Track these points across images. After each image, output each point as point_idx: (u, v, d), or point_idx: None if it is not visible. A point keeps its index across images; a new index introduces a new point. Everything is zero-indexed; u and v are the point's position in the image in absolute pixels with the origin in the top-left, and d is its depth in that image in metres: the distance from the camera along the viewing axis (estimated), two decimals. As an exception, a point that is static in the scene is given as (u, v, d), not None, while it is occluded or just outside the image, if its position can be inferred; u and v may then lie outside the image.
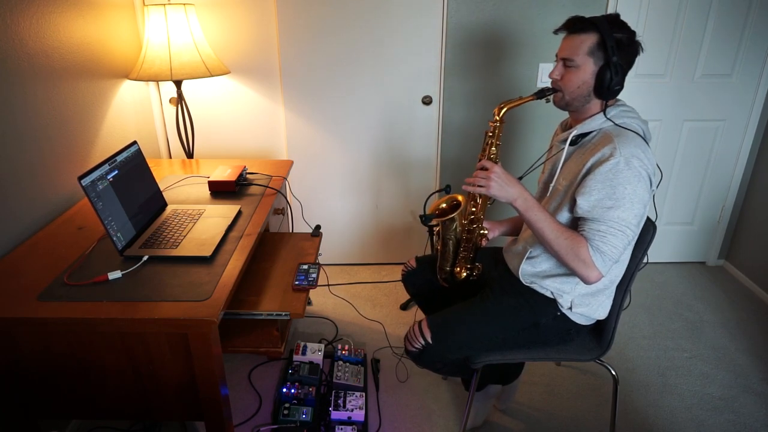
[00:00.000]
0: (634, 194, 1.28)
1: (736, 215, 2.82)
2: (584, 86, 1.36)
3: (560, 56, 1.39)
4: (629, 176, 1.27)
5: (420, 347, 1.52)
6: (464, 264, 1.60)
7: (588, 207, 1.32)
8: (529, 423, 1.86)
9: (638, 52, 1.36)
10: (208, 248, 1.45)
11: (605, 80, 1.33)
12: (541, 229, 1.35)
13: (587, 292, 1.47)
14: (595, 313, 1.49)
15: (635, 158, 1.27)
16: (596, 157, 1.31)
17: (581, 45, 1.34)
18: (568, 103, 1.41)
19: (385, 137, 2.63)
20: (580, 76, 1.36)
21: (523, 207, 1.36)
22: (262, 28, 2.41)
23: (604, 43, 1.31)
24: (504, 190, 1.35)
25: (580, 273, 1.33)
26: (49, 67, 1.72)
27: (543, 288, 1.49)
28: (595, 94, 1.37)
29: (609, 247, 1.29)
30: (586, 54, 1.34)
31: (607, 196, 1.29)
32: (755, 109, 2.59)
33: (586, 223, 1.33)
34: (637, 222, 1.30)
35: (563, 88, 1.39)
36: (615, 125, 1.36)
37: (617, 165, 1.27)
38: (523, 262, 1.51)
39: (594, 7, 2.39)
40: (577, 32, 1.35)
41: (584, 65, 1.35)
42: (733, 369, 2.12)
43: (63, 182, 1.79)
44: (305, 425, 1.73)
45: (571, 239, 1.32)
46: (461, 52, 2.47)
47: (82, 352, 1.24)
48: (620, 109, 1.38)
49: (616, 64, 1.31)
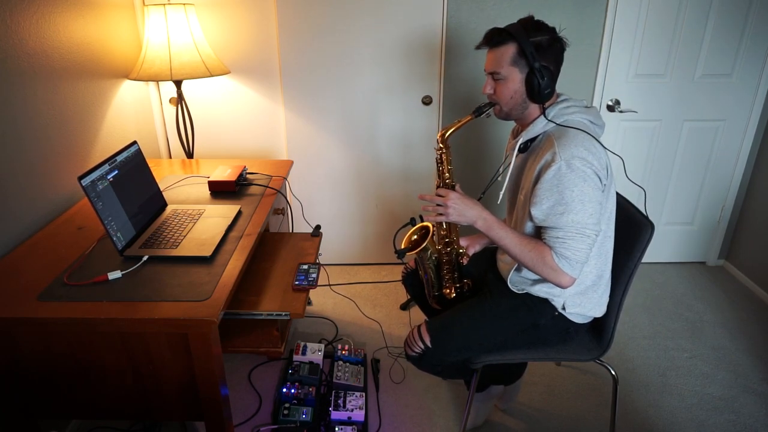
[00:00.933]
0: (582, 195, 1.28)
1: (736, 215, 2.82)
2: (516, 95, 1.38)
3: (487, 71, 1.41)
4: (573, 179, 1.28)
5: (420, 351, 1.52)
6: (452, 284, 1.61)
7: (542, 216, 1.33)
8: (529, 423, 1.86)
9: (563, 49, 1.37)
10: (208, 248, 1.45)
11: (534, 86, 1.34)
12: (506, 246, 1.38)
13: (576, 292, 1.47)
14: (590, 311, 1.49)
15: (576, 159, 1.27)
16: (541, 164, 1.33)
17: (502, 57, 1.35)
18: (507, 113, 1.43)
19: (385, 137, 2.63)
20: (510, 87, 1.37)
21: (484, 227, 1.38)
22: (262, 28, 2.41)
23: (523, 51, 1.32)
24: (462, 215, 1.38)
25: (551, 280, 1.35)
26: (49, 67, 1.72)
27: (535, 292, 1.50)
28: (530, 100, 1.38)
29: (572, 251, 1.30)
30: (510, 65, 1.35)
31: (557, 202, 1.30)
32: (755, 109, 2.59)
33: (545, 232, 1.35)
34: (595, 221, 1.30)
35: (498, 101, 1.42)
36: (557, 125, 1.36)
37: (559, 170, 1.28)
38: (511, 272, 1.52)
39: (594, 7, 2.40)
40: (496, 45, 1.36)
41: (510, 76, 1.36)
42: (733, 369, 2.12)
43: (63, 182, 1.79)
44: (305, 425, 1.73)
45: (536, 250, 1.34)
46: (461, 52, 2.47)
47: (82, 352, 1.24)
48: (560, 107, 1.38)
49: (539, 68, 1.32)
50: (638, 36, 2.46)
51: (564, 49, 1.37)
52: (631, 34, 2.45)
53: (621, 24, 2.43)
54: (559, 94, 1.43)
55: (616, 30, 2.44)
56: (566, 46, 1.37)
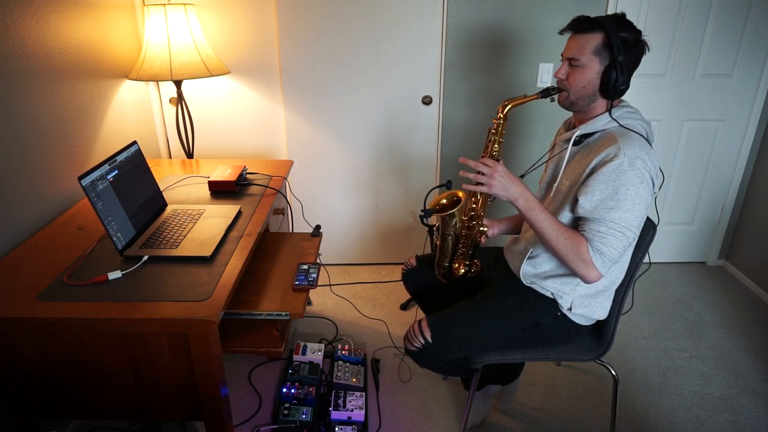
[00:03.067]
0: (636, 195, 1.28)
1: (736, 215, 2.82)
2: (590, 86, 1.36)
3: (565, 56, 1.39)
4: (632, 177, 1.27)
5: (420, 346, 1.52)
6: (462, 260, 1.59)
7: (590, 207, 1.32)
8: (529, 423, 1.86)
9: (644, 51, 1.36)
10: (208, 248, 1.45)
11: (611, 80, 1.32)
12: (542, 229, 1.35)
13: (587, 294, 1.47)
14: (594, 314, 1.49)
15: (639, 159, 1.27)
16: (600, 158, 1.31)
17: (587, 44, 1.34)
18: (573, 102, 1.41)
19: (385, 137, 2.63)
20: (586, 76, 1.35)
21: (524, 206, 1.36)
22: (262, 28, 2.41)
23: (609, 43, 1.31)
24: (505, 189, 1.35)
25: (579, 272, 1.33)
26: (49, 67, 1.72)
27: (543, 288, 1.49)
28: (600, 94, 1.37)
29: (609, 248, 1.30)
30: (592, 53, 1.33)
31: (610, 196, 1.29)
32: (755, 109, 2.59)
33: (586, 224, 1.33)
34: (638, 224, 1.31)
35: (568, 88, 1.39)
36: (619, 126, 1.35)
37: (621, 166, 1.27)
38: (524, 262, 1.51)
39: (594, 6, 2.39)
40: (583, 32, 1.35)
41: (590, 64, 1.34)
42: (733, 369, 2.12)
43: (63, 182, 1.79)
44: (305, 425, 1.73)
45: (572, 239, 1.33)
46: (461, 51, 2.48)
47: (82, 352, 1.24)
48: (625, 110, 1.38)
49: (621, 63, 1.31)
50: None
51: (644, 52, 1.36)
52: (631, 34, 2.45)
53: (621, 24, 2.43)
54: (621, 99, 1.42)
55: (616, 30, 2.44)
56: (647, 50, 1.36)
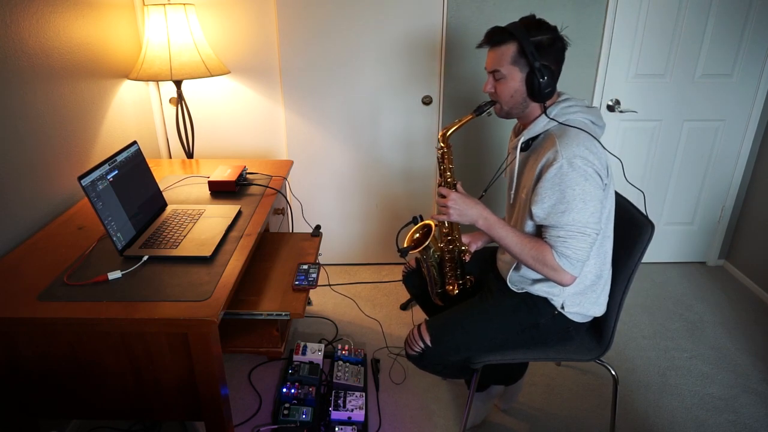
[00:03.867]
0: (584, 194, 1.28)
1: (736, 215, 2.82)
2: (517, 94, 1.38)
3: (488, 69, 1.41)
4: (575, 177, 1.28)
5: (420, 351, 1.52)
6: (454, 281, 1.62)
7: (543, 215, 1.33)
8: (529, 423, 1.86)
9: (564, 48, 1.37)
10: (208, 248, 1.45)
11: (534, 85, 1.34)
12: (507, 245, 1.38)
13: (576, 292, 1.47)
14: (589, 311, 1.50)
15: (578, 158, 1.27)
16: (542, 163, 1.33)
17: (503, 56, 1.35)
18: (508, 112, 1.43)
19: (385, 137, 2.63)
20: (511, 86, 1.37)
21: (485, 226, 1.39)
22: (262, 28, 2.41)
23: (524, 50, 1.32)
24: (463, 214, 1.39)
25: (552, 279, 1.35)
26: (49, 67, 1.72)
27: (535, 291, 1.50)
28: (530, 99, 1.38)
29: (572, 250, 1.30)
30: (510, 64, 1.35)
31: (558, 200, 1.30)
32: (755, 109, 2.59)
33: (546, 230, 1.35)
34: (596, 219, 1.31)
35: (499, 100, 1.42)
36: (559, 124, 1.36)
37: (561, 168, 1.28)
38: (511, 270, 1.52)
39: (594, 6, 2.39)
40: (497, 44, 1.36)
41: (511, 75, 1.36)
42: (733, 369, 2.12)
43: (63, 182, 1.79)
44: (305, 425, 1.73)
45: (536, 249, 1.34)
46: (461, 52, 2.47)
47: (82, 352, 1.24)
48: (561, 106, 1.38)
49: (540, 67, 1.32)
50: (638, 36, 2.46)
51: (565, 48, 1.37)
52: (631, 34, 2.45)
53: (621, 24, 2.43)
54: (561, 93, 1.43)
55: (616, 30, 2.44)
56: (567, 45, 1.37)
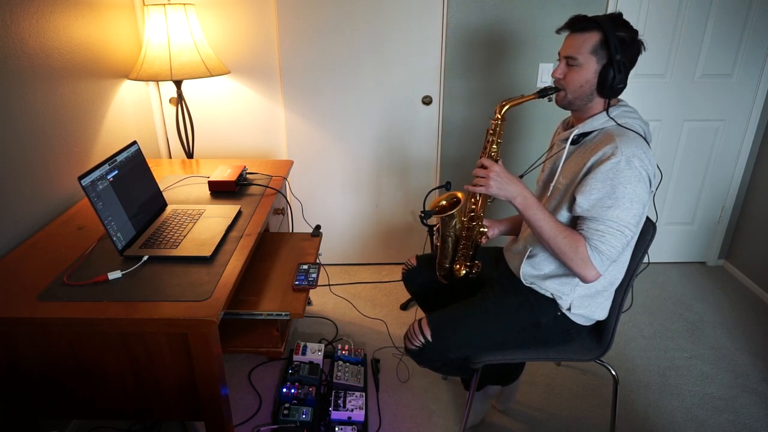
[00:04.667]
0: (633, 194, 1.28)
1: (736, 215, 2.82)
2: (587, 85, 1.36)
3: (563, 55, 1.39)
4: (630, 176, 1.27)
5: (420, 345, 1.52)
6: (463, 261, 1.60)
7: (587, 206, 1.32)
8: (529, 423, 1.86)
9: (641, 50, 1.36)
10: (208, 248, 1.45)
11: (608, 79, 1.32)
12: (540, 228, 1.36)
13: (586, 294, 1.47)
14: (594, 314, 1.49)
15: (636, 158, 1.27)
16: (597, 156, 1.31)
17: (584, 44, 1.34)
18: (570, 102, 1.41)
19: (385, 137, 2.63)
20: (583, 75, 1.35)
21: (522, 205, 1.36)
22: (262, 28, 2.41)
23: (607, 42, 1.31)
24: (503, 189, 1.36)
25: (577, 271, 1.34)
26: (49, 67, 1.72)
27: (543, 289, 1.50)
28: (597, 93, 1.37)
29: (607, 246, 1.30)
30: (589, 53, 1.33)
31: (607, 195, 1.29)
32: (755, 109, 2.59)
33: (584, 222, 1.33)
34: (636, 222, 1.31)
35: (566, 87, 1.39)
36: (617, 125, 1.35)
37: (618, 164, 1.27)
38: (524, 262, 1.51)
39: (594, 6, 2.39)
40: (580, 31, 1.35)
41: (587, 64, 1.34)
42: (733, 369, 2.12)
43: (63, 182, 1.79)
44: (305, 425, 1.73)
45: (570, 238, 1.33)
46: (461, 51, 2.47)
47: (82, 352, 1.24)
48: (622, 109, 1.38)
49: (619, 62, 1.31)
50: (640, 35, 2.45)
51: (641, 52, 1.36)
52: (631, 34, 2.45)
53: (621, 24, 2.43)
54: (619, 98, 1.42)
55: (616, 30, 2.44)
56: (643, 50, 1.36)
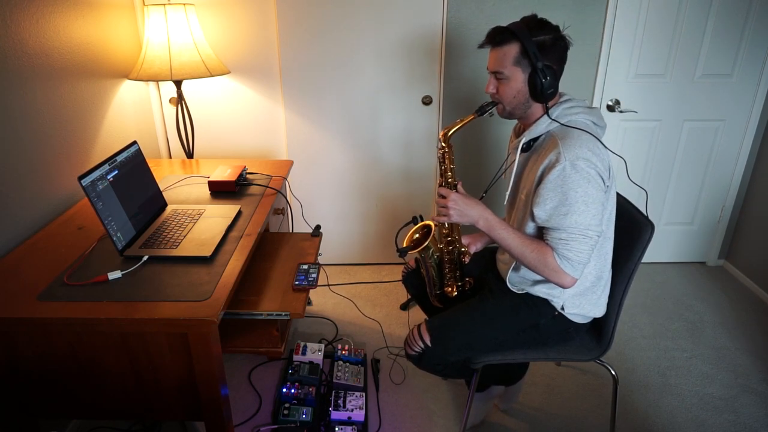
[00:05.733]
0: (586, 196, 1.28)
1: (736, 215, 2.82)
2: (520, 95, 1.37)
3: (490, 70, 1.40)
4: (577, 179, 1.27)
5: (420, 350, 1.52)
6: (453, 283, 1.61)
7: (545, 216, 1.33)
8: (529, 423, 1.86)
9: (566, 47, 1.36)
10: (208, 248, 1.45)
11: (537, 85, 1.33)
12: (508, 246, 1.38)
13: (576, 293, 1.47)
14: (590, 312, 1.50)
15: (581, 160, 1.27)
16: (545, 164, 1.32)
17: (505, 57, 1.34)
18: (510, 112, 1.42)
19: (385, 137, 2.63)
20: (513, 87, 1.36)
21: (485, 227, 1.38)
22: (262, 28, 2.41)
23: (526, 51, 1.31)
24: (464, 215, 1.38)
25: (553, 281, 1.35)
26: (49, 67, 1.72)
27: (535, 292, 1.50)
28: (533, 99, 1.37)
29: (574, 253, 1.30)
30: (512, 65, 1.34)
31: (561, 203, 1.30)
32: (755, 109, 2.59)
33: (548, 232, 1.35)
34: (597, 222, 1.31)
35: (501, 100, 1.41)
36: (561, 125, 1.36)
37: (564, 170, 1.28)
38: (510, 271, 1.52)
39: (594, 6, 2.39)
40: (499, 44, 1.35)
41: (513, 75, 1.35)
42: (733, 369, 2.12)
43: (63, 182, 1.79)
44: (305, 425, 1.73)
45: (537, 251, 1.34)
46: (461, 52, 2.47)
47: (82, 352, 1.24)
48: (563, 107, 1.38)
49: (542, 68, 1.31)
50: (638, 36, 2.46)
51: (567, 47, 1.36)
52: (631, 34, 2.45)
53: (621, 24, 2.43)
54: (562, 94, 1.43)
55: (616, 30, 2.44)
56: (570, 44, 1.36)
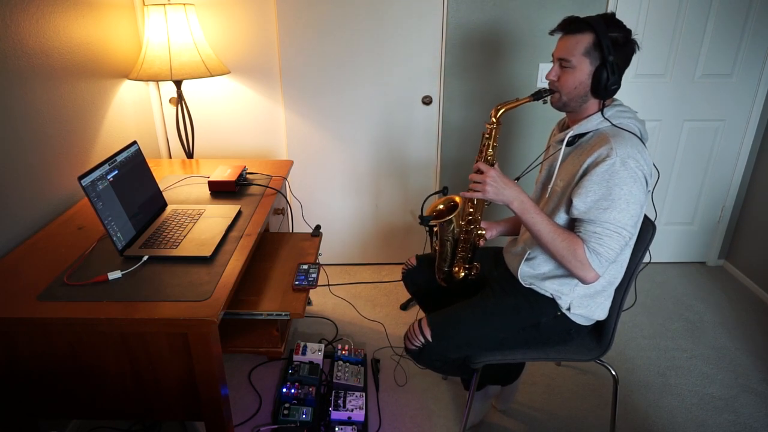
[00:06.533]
0: (630, 195, 1.28)
1: (736, 215, 2.82)
2: (581, 87, 1.36)
3: (556, 57, 1.39)
4: (625, 177, 1.27)
5: (420, 345, 1.52)
6: (462, 264, 1.60)
7: (584, 208, 1.32)
8: (529, 423, 1.86)
9: (634, 50, 1.36)
10: (208, 248, 1.45)
11: (602, 80, 1.32)
12: (538, 231, 1.36)
13: (585, 294, 1.47)
14: (594, 314, 1.49)
15: (631, 159, 1.27)
16: (593, 158, 1.31)
17: (577, 45, 1.33)
18: (565, 103, 1.41)
19: (385, 137, 2.63)
20: (577, 77, 1.35)
21: (519, 209, 1.36)
22: (262, 28, 2.41)
23: (599, 43, 1.31)
24: (500, 193, 1.36)
25: (576, 274, 1.34)
26: (49, 67, 1.72)
27: (542, 289, 1.50)
28: (592, 94, 1.37)
29: (605, 248, 1.30)
30: (582, 54, 1.33)
31: (603, 197, 1.29)
32: (755, 109, 2.59)
33: (582, 225, 1.34)
34: (634, 223, 1.31)
35: (560, 89, 1.39)
36: (612, 126, 1.35)
37: (613, 166, 1.27)
38: (522, 263, 1.52)
39: (594, 6, 2.39)
40: (573, 32, 1.34)
41: (580, 65, 1.34)
42: (733, 369, 2.12)
43: (63, 182, 1.79)
44: (305, 425, 1.73)
45: (568, 241, 1.33)
46: (461, 52, 2.47)
47: (82, 352, 1.24)
48: (617, 109, 1.38)
49: (612, 63, 1.30)
50: (638, 36, 2.44)
51: (635, 51, 1.35)
52: (631, 34, 2.45)
53: (621, 24, 2.43)
54: (613, 99, 1.42)
55: (616, 30, 2.44)
56: (637, 49, 1.36)
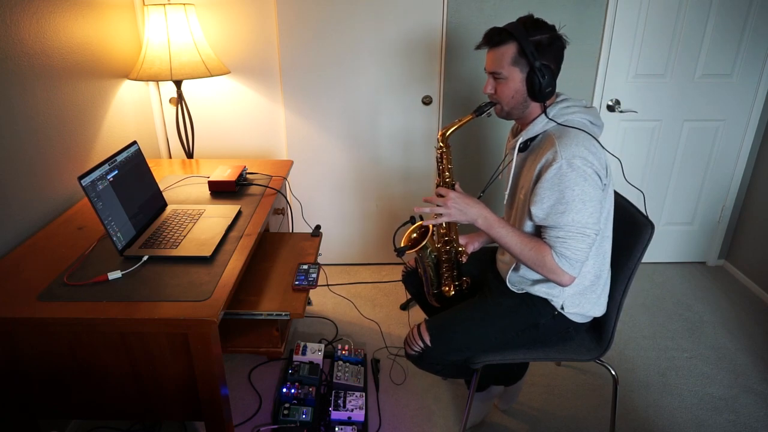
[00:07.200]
0: (583, 194, 1.28)
1: (736, 215, 2.82)
2: (518, 94, 1.38)
3: (488, 71, 1.41)
4: (574, 178, 1.28)
5: (419, 350, 1.52)
6: (450, 282, 1.62)
7: (542, 215, 1.33)
8: (529, 423, 1.86)
9: (563, 47, 1.37)
10: (208, 248, 1.45)
11: (535, 84, 1.34)
12: (506, 244, 1.38)
13: (575, 292, 1.47)
14: (589, 311, 1.50)
15: (577, 158, 1.27)
16: (542, 163, 1.33)
17: (503, 57, 1.35)
18: (508, 113, 1.43)
19: (385, 137, 2.63)
20: (511, 87, 1.37)
21: (484, 226, 1.38)
22: (262, 28, 2.41)
23: (523, 50, 1.32)
24: (463, 214, 1.38)
25: (552, 279, 1.36)
26: (49, 67, 1.72)
27: (534, 291, 1.50)
28: (531, 99, 1.38)
29: (572, 251, 1.30)
30: (510, 65, 1.35)
31: (558, 201, 1.30)
32: (755, 109, 2.59)
33: (545, 231, 1.35)
34: (595, 220, 1.31)
35: (499, 100, 1.41)
36: (558, 125, 1.36)
37: (560, 169, 1.28)
38: (510, 272, 1.53)
39: (594, 6, 2.39)
40: (496, 45, 1.36)
41: (511, 75, 1.36)
42: (733, 369, 2.12)
43: (63, 182, 1.79)
44: (305, 425, 1.73)
45: (536, 249, 1.34)
46: (461, 52, 2.47)
47: (82, 352, 1.25)
48: (560, 106, 1.39)
49: (540, 67, 1.32)
50: (638, 36, 2.46)
51: (564, 47, 1.37)
52: (631, 34, 2.45)
53: (621, 24, 2.43)
54: (559, 94, 1.43)
55: (616, 30, 2.44)
56: (566, 43, 1.37)
